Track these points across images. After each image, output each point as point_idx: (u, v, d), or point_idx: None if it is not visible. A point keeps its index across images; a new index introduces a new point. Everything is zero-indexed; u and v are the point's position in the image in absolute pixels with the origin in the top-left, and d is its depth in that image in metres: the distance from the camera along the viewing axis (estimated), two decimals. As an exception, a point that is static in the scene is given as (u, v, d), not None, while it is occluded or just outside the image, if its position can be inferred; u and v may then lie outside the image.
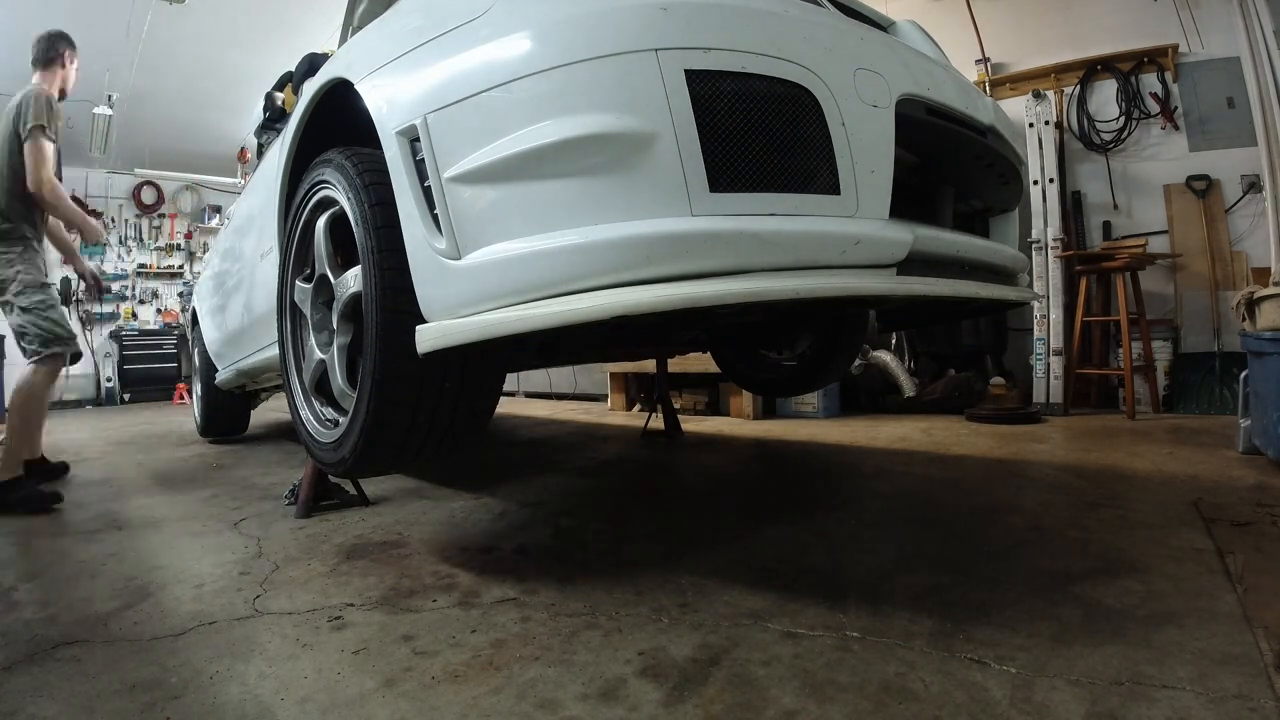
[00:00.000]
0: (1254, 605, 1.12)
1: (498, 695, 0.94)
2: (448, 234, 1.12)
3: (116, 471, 3.07)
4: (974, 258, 1.35)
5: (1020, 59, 4.60)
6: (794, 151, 1.02)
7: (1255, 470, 2.17)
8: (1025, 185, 4.03)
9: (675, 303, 0.96)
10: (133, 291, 8.50)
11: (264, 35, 5.89)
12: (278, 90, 2.38)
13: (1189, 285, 4.01)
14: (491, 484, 2.43)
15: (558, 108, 1.01)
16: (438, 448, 1.40)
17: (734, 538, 1.66)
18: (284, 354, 1.72)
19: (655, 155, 0.97)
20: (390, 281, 1.24)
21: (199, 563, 1.61)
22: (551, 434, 3.84)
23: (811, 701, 0.90)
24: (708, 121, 0.97)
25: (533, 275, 1.03)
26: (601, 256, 0.98)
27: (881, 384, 4.25)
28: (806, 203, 1.02)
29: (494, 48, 1.09)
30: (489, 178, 1.07)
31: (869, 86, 1.07)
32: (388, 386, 1.26)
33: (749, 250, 0.97)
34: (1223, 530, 1.54)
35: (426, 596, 1.34)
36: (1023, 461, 2.49)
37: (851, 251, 1.03)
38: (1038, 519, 1.71)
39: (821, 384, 2.77)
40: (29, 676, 1.04)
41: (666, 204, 0.97)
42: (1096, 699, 0.87)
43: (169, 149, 7.86)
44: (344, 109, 1.48)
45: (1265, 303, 2.43)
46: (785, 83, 1.00)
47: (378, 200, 1.27)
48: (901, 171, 1.14)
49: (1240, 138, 3.83)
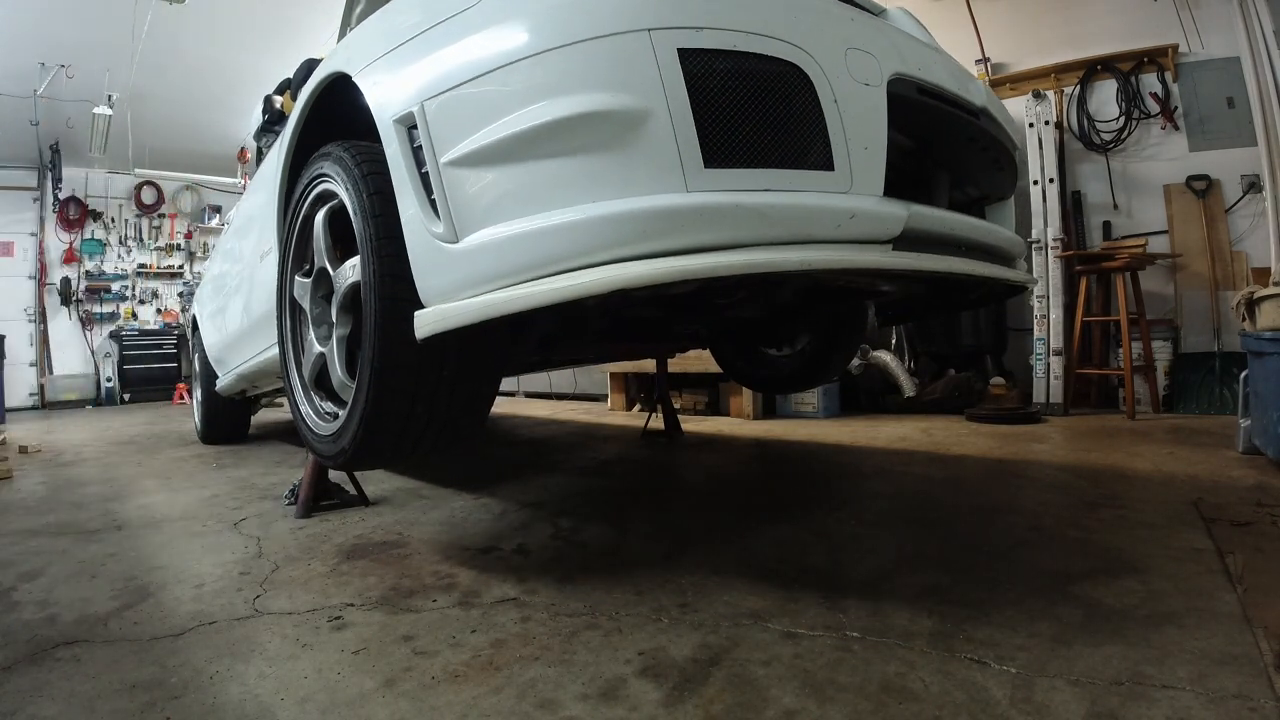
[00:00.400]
0: (1254, 605, 1.12)
1: (498, 695, 0.94)
2: (445, 218, 1.13)
3: (116, 471, 3.07)
4: (970, 237, 1.36)
5: (1020, 59, 4.60)
6: (787, 128, 1.03)
7: (1255, 470, 2.17)
8: (1026, 182, 4.05)
9: (671, 275, 0.97)
10: (133, 291, 8.50)
11: (264, 35, 5.89)
12: (277, 95, 2.38)
13: (1189, 285, 4.01)
14: (491, 484, 2.43)
15: (552, 89, 1.02)
16: (437, 438, 1.40)
17: (734, 538, 1.66)
18: (284, 350, 1.73)
19: (650, 132, 0.98)
20: (388, 268, 1.25)
21: (199, 563, 1.61)
22: (551, 434, 3.84)
23: (811, 701, 0.90)
24: (701, 99, 0.98)
25: (529, 255, 1.04)
26: (597, 233, 0.99)
27: (881, 384, 4.25)
28: (801, 178, 1.03)
29: (488, 34, 1.10)
30: (485, 160, 1.09)
31: (860, 65, 1.08)
32: (386, 374, 1.26)
33: (744, 224, 0.98)
34: (1223, 530, 1.54)
35: (426, 596, 1.34)
36: (1023, 461, 2.49)
37: (846, 226, 1.04)
38: (1038, 519, 1.71)
39: (821, 381, 2.77)
40: (29, 676, 1.04)
41: (662, 180, 0.98)
42: (1096, 699, 0.87)
43: (169, 149, 7.86)
44: (343, 106, 1.49)
45: (1265, 303, 2.43)
46: (777, 60, 1.02)
47: (376, 190, 1.29)
48: (897, 156, 1.14)
49: (1240, 138, 3.83)
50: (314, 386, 1.63)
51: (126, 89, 6.36)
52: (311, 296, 1.60)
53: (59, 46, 5.76)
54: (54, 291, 7.93)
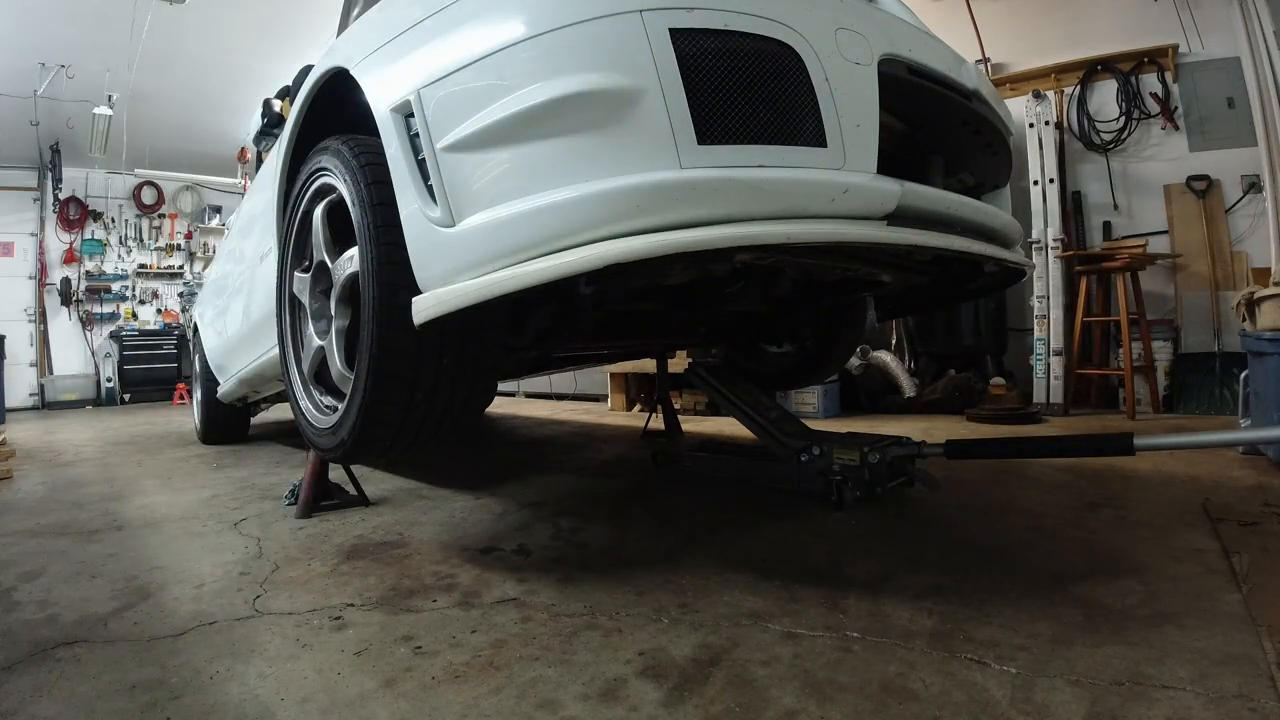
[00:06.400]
0: (1259, 605, 1.12)
1: (498, 695, 0.94)
2: (442, 203, 1.14)
3: (116, 472, 3.07)
4: (967, 217, 1.36)
5: (1020, 59, 4.60)
6: (779, 105, 1.04)
7: (1255, 470, 2.17)
8: (1026, 182, 4.05)
9: (664, 248, 0.97)
10: (133, 292, 8.49)
11: (264, 35, 5.89)
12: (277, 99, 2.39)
13: (1189, 285, 4.01)
14: (491, 484, 2.43)
15: (546, 71, 1.03)
16: (436, 429, 1.40)
17: (734, 538, 1.66)
18: (283, 346, 1.74)
19: (643, 111, 0.99)
20: (387, 255, 1.26)
21: (199, 563, 1.61)
22: (552, 434, 3.84)
23: (812, 702, 0.90)
24: (694, 77, 1.00)
25: (524, 234, 1.05)
26: (591, 210, 1.00)
27: (882, 384, 4.25)
28: (794, 155, 1.04)
29: (483, 20, 1.12)
30: (481, 144, 1.09)
31: (851, 45, 1.10)
32: (385, 362, 1.27)
33: (738, 198, 0.99)
34: (1229, 530, 1.54)
35: (427, 597, 1.34)
36: (1023, 461, 2.48)
37: (840, 200, 1.05)
38: (1038, 519, 1.71)
39: (821, 377, 2.78)
40: (29, 676, 1.04)
41: (656, 157, 0.99)
42: (1097, 699, 0.87)
43: (169, 149, 7.85)
44: (341, 104, 1.50)
45: (1265, 303, 2.43)
46: (768, 39, 1.03)
47: (373, 180, 1.30)
48: (891, 142, 1.15)
49: (1240, 138, 3.83)
50: (313, 381, 1.64)
51: (126, 89, 6.36)
52: (311, 291, 1.61)
53: (59, 47, 5.75)
54: (54, 292, 7.92)
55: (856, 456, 1.86)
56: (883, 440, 1.94)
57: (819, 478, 1.92)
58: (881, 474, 1.87)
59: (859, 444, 1.89)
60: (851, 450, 1.88)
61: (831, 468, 1.90)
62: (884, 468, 1.87)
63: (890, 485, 1.91)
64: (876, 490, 1.87)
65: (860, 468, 1.85)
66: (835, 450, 1.91)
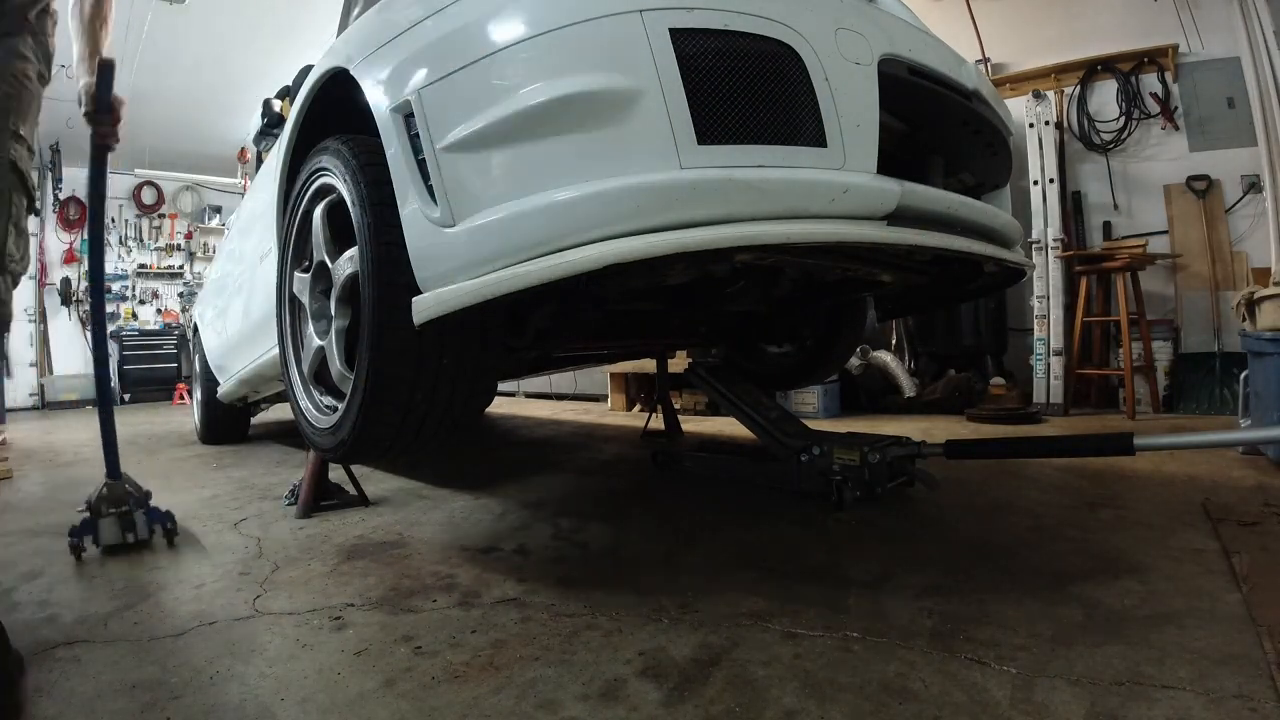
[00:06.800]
0: (1258, 605, 1.12)
1: (498, 695, 0.94)
2: (442, 203, 1.14)
3: (116, 472, 3.06)
4: (967, 217, 1.36)
5: (1020, 59, 4.60)
6: (780, 105, 1.04)
7: (1255, 471, 2.17)
8: (1026, 182, 4.06)
9: (665, 248, 0.97)
10: (133, 292, 8.49)
11: (264, 35, 5.88)
12: (277, 99, 2.39)
13: (1189, 285, 4.01)
14: (492, 484, 2.43)
15: (546, 71, 1.03)
16: (436, 429, 1.40)
17: (734, 538, 1.66)
18: (283, 346, 1.73)
19: (643, 111, 0.99)
20: (386, 255, 1.26)
21: (199, 563, 1.61)
22: (552, 434, 3.84)
23: (812, 702, 0.90)
24: (694, 77, 1.00)
25: (524, 235, 1.05)
26: (591, 211, 1.00)
27: (882, 384, 4.25)
28: (794, 154, 1.04)
29: (483, 20, 1.12)
30: (481, 144, 1.09)
31: (851, 45, 1.10)
32: (385, 362, 1.26)
33: (738, 198, 0.99)
34: (1229, 530, 1.54)
35: (427, 597, 1.34)
36: (1022, 461, 2.48)
37: (840, 200, 1.05)
38: (1038, 519, 1.71)
39: (821, 377, 2.78)
40: (29, 676, 1.04)
41: (656, 158, 0.99)
42: (1097, 699, 0.87)
43: (169, 149, 7.84)
44: (341, 104, 1.50)
45: (1265, 303, 2.43)
46: (768, 39, 1.03)
47: (373, 180, 1.30)
48: (891, 142, 1.15)
49: (1240, 138, 3.83)
50: (313, 381, 1.64)
51: (126, 89, 6.34)
52: (311, 291, 1.61)
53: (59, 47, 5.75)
54: (54, 292, 7.92)
55: (856, 456, 1.86)
56: (883, 440, 1.94)
57: (819, 478, 1.93)
58: (881, 474, 1.87)
59: (859, 444, 1.89)
60: (851, 450, 1.89)
61: (831, 468, 1.90)
62: (884, 468, 1.87)
63: (890, 485, 1.91)
64: (876, 490, 1.87)
65: (860, 468, 1.86)
66: (835, 450, 1.91)
